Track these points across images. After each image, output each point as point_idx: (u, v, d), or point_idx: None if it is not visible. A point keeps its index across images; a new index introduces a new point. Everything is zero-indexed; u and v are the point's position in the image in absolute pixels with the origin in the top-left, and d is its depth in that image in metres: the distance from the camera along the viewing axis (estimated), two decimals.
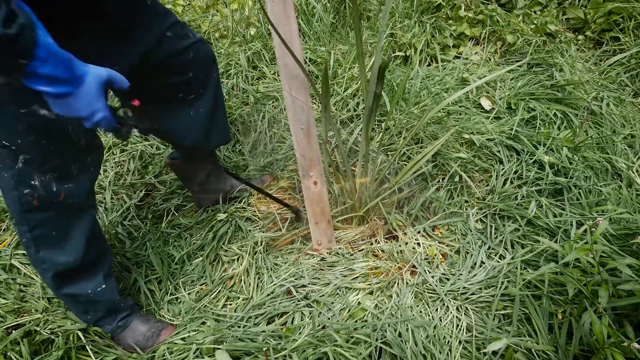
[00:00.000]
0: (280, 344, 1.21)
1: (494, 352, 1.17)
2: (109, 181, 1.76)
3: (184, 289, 1.43)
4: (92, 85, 0.82)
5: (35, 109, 0.88)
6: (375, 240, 1.52)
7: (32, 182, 0.97)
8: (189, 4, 2.65)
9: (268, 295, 1.37)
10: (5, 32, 0.63)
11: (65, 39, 0.87)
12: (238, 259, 1.48)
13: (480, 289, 1.32)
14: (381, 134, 1.73)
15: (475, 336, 1.21)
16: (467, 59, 2.27)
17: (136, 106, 0.93)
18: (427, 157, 1.43)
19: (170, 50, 1.12)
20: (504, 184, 1.63)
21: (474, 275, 1.36)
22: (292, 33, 1.04)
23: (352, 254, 1.48)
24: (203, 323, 1.32)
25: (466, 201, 1.60)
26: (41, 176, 0.97)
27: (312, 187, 1.33)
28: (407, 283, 1.36)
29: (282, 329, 1.27)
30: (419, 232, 1.51)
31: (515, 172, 1.64)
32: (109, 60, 1.01)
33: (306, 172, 1.30)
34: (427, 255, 1.44)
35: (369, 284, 1.36)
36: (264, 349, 1.19)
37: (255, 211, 1.63)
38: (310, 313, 1.31)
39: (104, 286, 1.20)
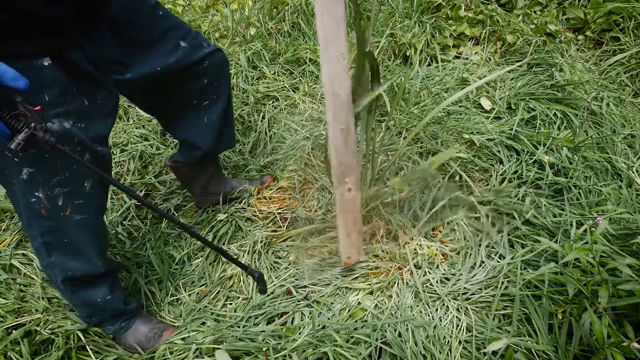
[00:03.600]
0: (280, 344, 1.22)
1: (494, 352, 1.17)
2: None
3: (185, 290, 1.43)
4: None
5: None
6: (376, 240, 1.52)
7: (37, 194, 0.94)
8: (189, 4, 2.65)
9: (268, 295, 1.37)
10: None
11: (78, 38, 0.87)
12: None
13: (481, 289, 1.32)
14: (381, 134, 1.73)
15: (475, 336, 1.21)
16: (467, 59, 2.27)
17: (38, 111, 0.78)
18: (435, 165, 1.41)
19: (186, 61, 1.11)
20: (504, 183, 1.63)
21: (474, 275, 1.36)
22: (339, 20, 0.90)
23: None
24: (203, 323, 1.32)
25: None
26: (47, 190, 0.94)
27: (346, 195, 1.20)
28: (407, 283, 1.36)
29: (282, 329, 1.27)
30: (419, 232, 1.51)
31: (515, 172, 1.64)
32: (128, 68, 1.02)
33: (341, 179, 1.16)
34: (427, 255, 1.44)
35: (369, 284, 1.36)
36: (264, 349, 1.19)
37: (255, 211, 1.63)
38: (310, 313, 1.31)
39: (109, 297, 1.20)
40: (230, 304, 1.39)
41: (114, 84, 1.02)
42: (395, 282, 1.37)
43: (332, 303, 1.32)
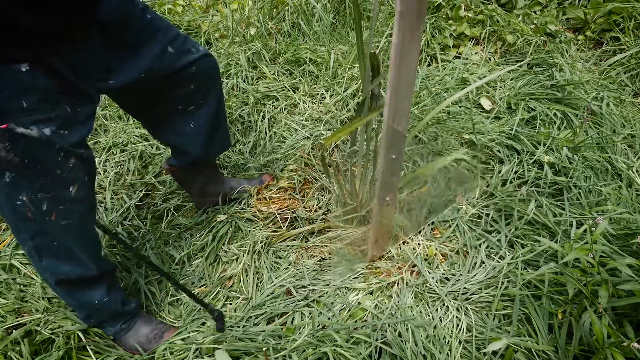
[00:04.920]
0: (280, 343, 1.22)
1: (494, 352, 1.17)
2: (109, 181, 1.76)
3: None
4: None
5: (12, 127, 0.81)
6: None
7: (21, 197, 0.92)
8: (189, 4, 2.65)
9: (268, 295, 1.37)
10: None
11: (62, 46, 0.86)
12: (237, 259, 1.48)
13: (480, 289, 1.32)
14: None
15: (475, 336, 1.21)
16: (467, 59, 2.27)
17: (3, 129, 0.77)
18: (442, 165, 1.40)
19: (172, 67, 1.10)
20: (504, 183, 1.63)
21: (474, 275, 1.36)
22: (414, 60, 0.86)
23: (352, 254, 1.48)
24: (203, 324, 1.32)
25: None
26: (30, 194, 0.92)
27: (386, 210, 1.26)
28: (407, 283, 1.36)
29: (282, 329, 1.27)
30: (419, 232, 1.51)
31: (515, 172, 1.64)
32: (111, 74, 1.01)
33: (383, 199, 1.22)
34: (427, 255, 1.44)
35: (369, 284, 1.36)
36: (264, 349, 1.19)
37: (255, 212, 1.63)
38: (310, 313, 1.31)
39: (106, 299, 1.19)
40: (230, 304, 1.39)
41: (97, 89, 1.01)
42: (395, 282, 1.37)
43: (332, 303, 1.32)
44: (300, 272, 1.42)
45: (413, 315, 1.26)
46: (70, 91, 0.91)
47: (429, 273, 1.37)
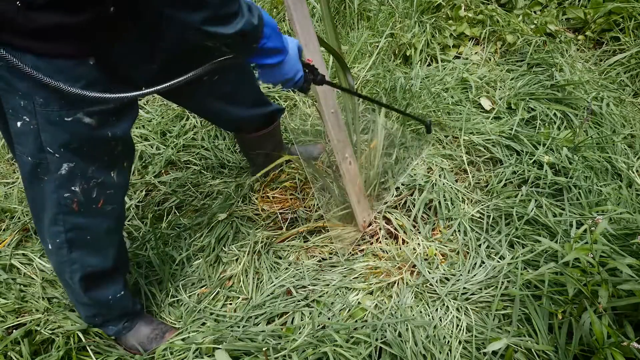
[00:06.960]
0: (280, 343, 1.22)
1: (494, 352, 1.17)
2: None
3: (185, 292, 1.43)
4: (294, 51, 1.00)
5: (79, 117, 0.87)
6: (376, 240, 1.52)
7: (73, 188, 0.96)
8: None
9: (268, 295, 1.37)
10: (252, 24, 0.84)
11: (115, 40, 0.88)
12: (237, 259, 1.48)
13: (480, 289, 1.32)
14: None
15: (475, 336, 1.21)
16: (467, 59, 2.27)
17: (310, 63, 1.06)
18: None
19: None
20: (504, 184, 1.63)
21: (474, 276, 1.36)
22: (309, 19, 1.13)
23: (352, 254, 1.48)
24: (203, 324, 1.32)
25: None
26: (83, 183, 0.96)
27: (349, 167, 1.36)
28: (407, 283, 1.36)
29: (282, 329, 1.27)
30: (419, 232, 1.51)
31: (515, 172, 1.64)
32: (153, 62, 1.02)
33: (343, 155, 1.33)
34: (427, 255, 1.44)
35: (369, 284, 1.36)
36: (264, 349, 1.19)
37: (257, 209, 1.63)
38: (310, 313, 1.31)
39: (122, 293, 1.21)
40: (230, 304, 1.39)
41: (144, 79, 1.02)
42: (395, 282, 1.37)
43: (332, 303, 1.32)
44: (300, 272, 1.42)
45: (413, 315, 1.26)
46: (121, 82, 0.93)
47: (429, 273, 1.37)
